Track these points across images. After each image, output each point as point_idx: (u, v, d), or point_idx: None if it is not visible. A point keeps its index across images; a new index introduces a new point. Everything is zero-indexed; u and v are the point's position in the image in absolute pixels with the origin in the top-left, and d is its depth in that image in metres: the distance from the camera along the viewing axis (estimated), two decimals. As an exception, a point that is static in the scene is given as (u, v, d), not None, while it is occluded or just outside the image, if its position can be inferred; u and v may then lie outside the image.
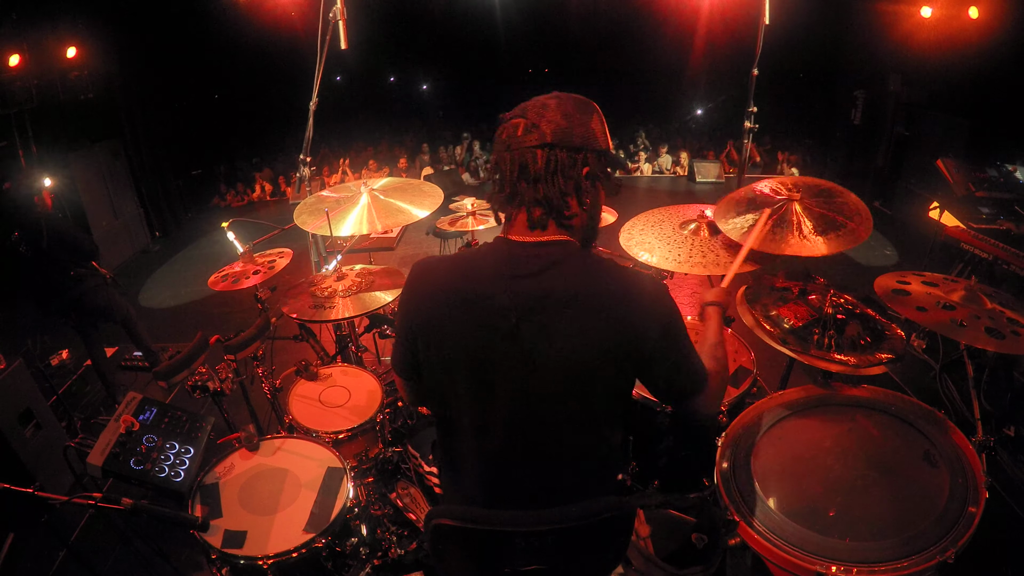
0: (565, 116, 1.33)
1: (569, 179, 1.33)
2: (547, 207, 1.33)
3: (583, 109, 1.37)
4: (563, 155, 1.32)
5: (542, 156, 1.32)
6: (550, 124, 1.32)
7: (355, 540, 2.16)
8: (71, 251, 3.90)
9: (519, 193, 1.35)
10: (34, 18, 6.01)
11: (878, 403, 2.11)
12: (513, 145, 1.34)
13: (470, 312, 1.33)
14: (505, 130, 1.37)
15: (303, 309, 2.79)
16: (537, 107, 1.35)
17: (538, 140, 1.32)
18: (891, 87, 7.41)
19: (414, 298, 1.42)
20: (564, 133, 1.32)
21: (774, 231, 2.38)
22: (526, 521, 1.30)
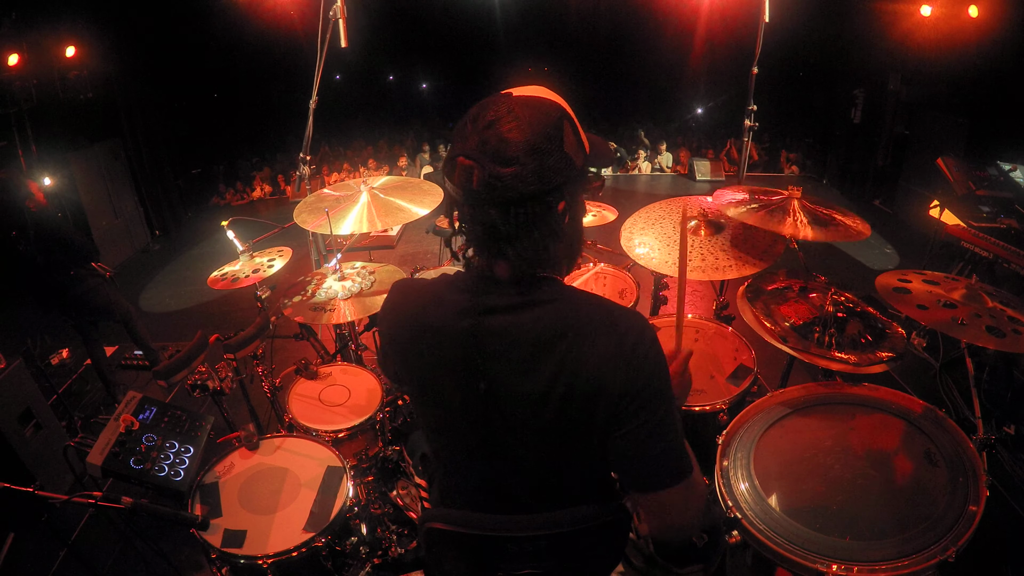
0: (534, 153, 1.06)
1: (548, 227, 1.12)
2: (529, 262, 1.14)
3: (552, 128, 1.10)
4: (538, 206, 1.09)
5: (512, 215, 1.09)
6: (513, 171, 1.06)
7: (355, 539, 2.16)
8: (66, 251, 3.89)
9: (492, 251, 1.15)
10: (34, 17, 6.01)
11: (878, 401, 2.11)
12: (470, 199, 1.11)
13: (437, 347, 1.22)
14: (456, 172, 1.11)
15: (303, 311, 2.79)
16: (493, 143, 1.07)
17: (503, 196, 1.07)
18: (891, 86, 7.42)
19: (388, 322, 1.33)
20: (536, 178, 1.07)
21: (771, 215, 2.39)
22: (517, 527, 1.29)
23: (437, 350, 1.23)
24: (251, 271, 2.85)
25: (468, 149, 1.09)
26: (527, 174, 1.06)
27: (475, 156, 1.07)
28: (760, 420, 2.11)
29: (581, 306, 1.18)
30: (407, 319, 1.28)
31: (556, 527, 1.28)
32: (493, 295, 1.18)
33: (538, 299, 1.17)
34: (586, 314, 1.16)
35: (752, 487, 1.87)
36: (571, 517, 1.29)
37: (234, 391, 2.63)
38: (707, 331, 2.81)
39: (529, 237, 1.11)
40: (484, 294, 1.19)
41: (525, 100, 1.13)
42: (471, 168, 1.07)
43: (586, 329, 1.14)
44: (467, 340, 1.19)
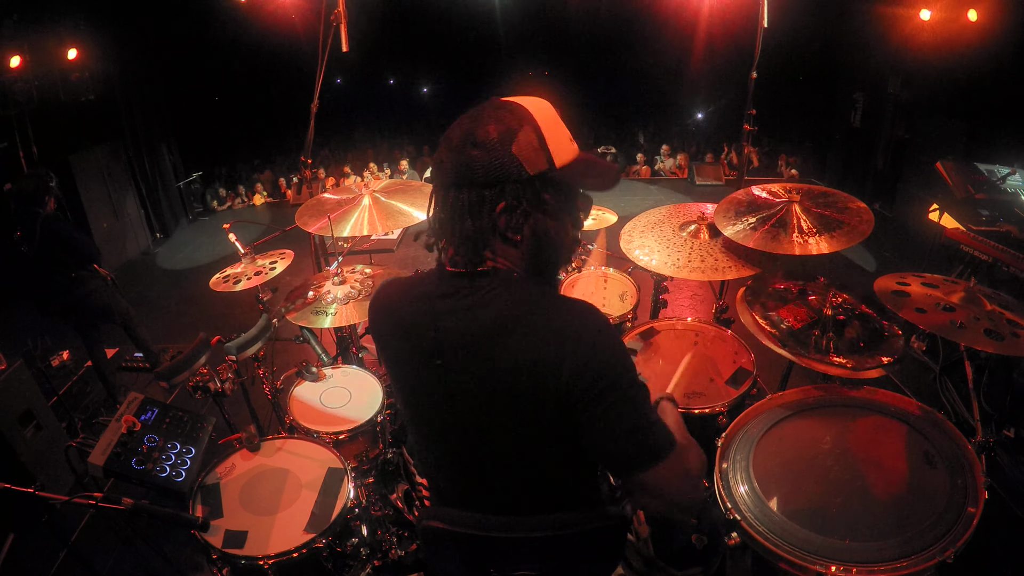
0: (472, 145, 1.13)
1: (479, 220, 1.15)
2: (464, 247, 1.18)
3: (504, 130, 1.14)
4: (468, 195, 1.14)
5: (447, 197, 1.18)
6: (451, 159, 1.16)
7: (355, 540, 2.16)
8: (70, 253, 3.90)
9: (440, 230, 1.22)
10: (35, 19, 6.02)
11: (878, 404, 2.12)
12: (432, 181, 1.24)
13: (403, 340, 1.28)
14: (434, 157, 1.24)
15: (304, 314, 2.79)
16: (454, 131, 1.18)
17: (442, 179, 1.18)
18: (890, 89, 7.43)
19: (371, 318, 1.39)
20: (465, 170, 1.14)
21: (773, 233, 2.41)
22: (513, 527, 1.30)
23: (406, 347, 1.28)
24: (253, 273, 2.86)
25: (445, 134, 1.20)
26: (460, 166, 1.15)
27: (442, 141, 1.20)
28: (759, 423, 2.11)
29: (527, 299, 1.18)
30: (386, 315, 1.34)
31: (551, 529, 1.29)
32: (446, 291, 1.22)
33: (487, 294, 1.18)
34: (531, 307, 1.17)
35: (751, 489, 1.87)
36: (566, 520, 1.29)
37: (235, 393, 2.63)
38: (707, 334, 2.82)
39: (460, 224, 1.17)
40: (439, 291, 1.23)
41: (500, 103, 1.20)
42: (438, 151, 1.20)
43: (530, 321, 1.15)
44: (428, 336, 1.22)
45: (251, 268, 2.90)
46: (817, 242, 2.35)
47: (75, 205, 6.75)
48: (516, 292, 1.19)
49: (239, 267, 2.94)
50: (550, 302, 1.18)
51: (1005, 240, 3.80)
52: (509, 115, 1.16)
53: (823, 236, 2.36)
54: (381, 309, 1.36)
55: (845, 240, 2.34)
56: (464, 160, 1.14)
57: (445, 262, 1.24)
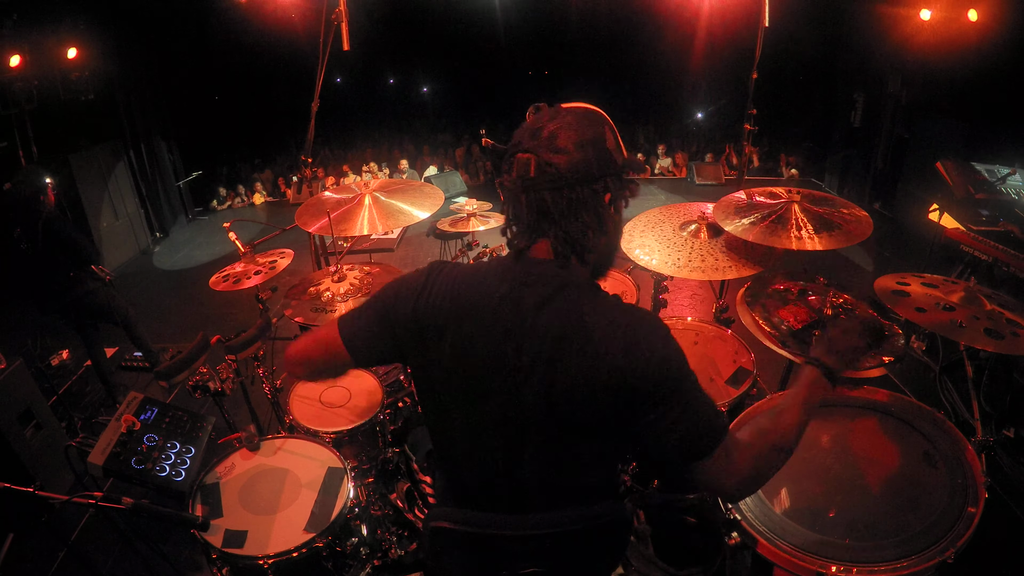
0: (580, 146, 1.22)
1: (592, 213, 1.26)
2: (571, 244, 1.26)
3: (595, 129, 1.26)
4: (585, 191, 1.24)
5: (563, 196, 1.23)
6: (565, 159, 1.22)
7: (355, 540, 2.16)
8: (69, 254, 3.89)
9: (539, 231, 1.27)
10: (35, 19, 6.02)
11: (878, 404, 2.12)
12: (527, 186, 1.24)
13: (477, 327, 1.27)
14: (515, 167, 1.25)
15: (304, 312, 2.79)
16: (546, 137, 1.23)
17: (554, 181, 1.22)
18: (890, 89, 7.43)
19: (425, 299, 1.33)
20: (582, 167, 1.22)
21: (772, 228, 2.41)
22: (522, 525, 1.30)
23: (480, 334, 1.27)
24: (252, 273, 2.86)
25: (525, 145, 1.25)
26: (576, 162, 1.22)
27: (531, 149, 1.24)
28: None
29: (605, 304, 1.26)
30: (442, 300, 1.31)
31: (560, 526, 1.29)
32: (531, 285, 1.26)
33: (569, 293, 1.25)
34: (610, 311, 1.24)
35: (751, 489, 1.87)
36: (575, 516, 1.30)
37: (235, 392, 2.63)
38: (707, 334, 2.82)
39: (576, 218, 1.25)
40: (523, 283, 1.26)
41: (573, 109, 1.30)
42: (527, 159, 1.23)
43: (614, 324, 1.21)
44: (507, 328, 1.24)
45: (251, 267, 2.90)
46: (814, 239, 2.35)
47: (75, 204, 6.75)
48: (596, 294, 1.28)
49: (239, 266, 2.94)
50: (622, 307, 1.27)
51: (1005, 240, 3.80)
52: (594, 116, 1.29)
53: (821, 234, 2.37)
54: (435, 293, 1.32)
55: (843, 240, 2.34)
56: (581, 158, 1.22)
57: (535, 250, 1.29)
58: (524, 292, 1.25)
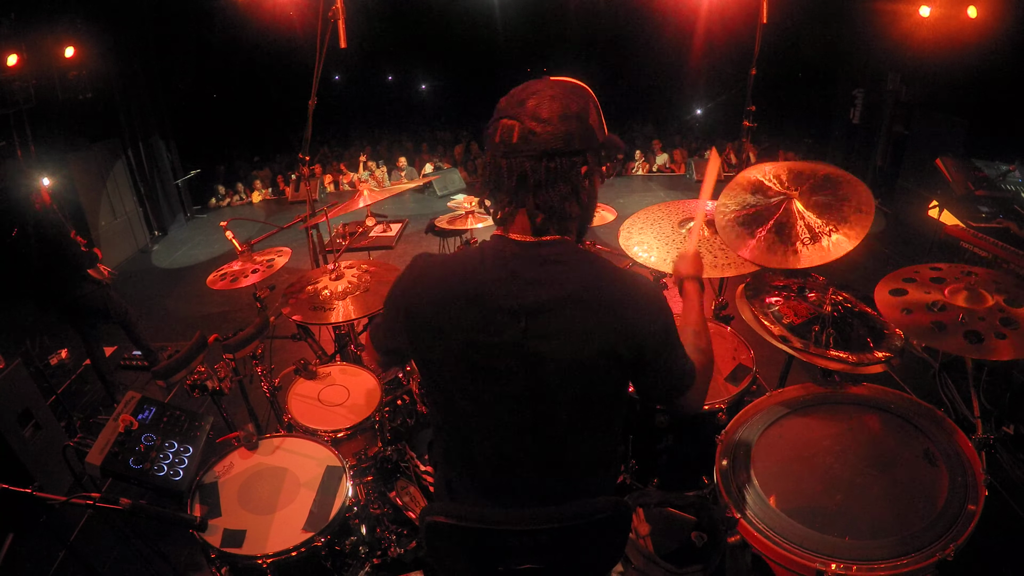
0: (564, 118, 1.25)
1: (569, 184, 1.28)
2: (548, 213, 1.29)
3: (580, 103, 1.29)
4: (564, 162, 1.26)
5: (542, 165, 1.26)
6: (548, 129, 1.24)
7: (354, 539, 2.16)
8: (62, 263, 3.88)
9: (518, 200, 1.30)
10: (33, 18, 6.01)
11: (877, 401, 2.11)
12: (508, 152, 1.27)
13: (474, 313, 1.28)
14: (498, 131, 1.29)
15: (302, 310, 2.79)
16: (531, 106, 1.26)
17: (537, 148, 1.25)
18: (890, 86, 7.42)
19: (415, 294, 1.36)
20: (564, 138, 1.25)
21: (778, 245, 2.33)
22: (520, 520, 1.30)
23: (480, 319, 1.28)
24: (250, 271, 2.85)
25: (510, 112, 1.28)
26: (558, 133, 1.25)
27: (516, 116, 1.27)
28: (759, 420, 2.11)
29: (600, 268, 1.32)
30: (433, 291, 1.33)
31: (558, 521, 1.29)
32: (523, 260, 1.29)
33: (564, 262, 1.30)
34: (608, 276, 1.31)
35: (752, 487, 1.87)
36: (573, 511, 1.30)
37: (233, 391, 2.63)
38: (706, 331, 2.81)
39: (554, 187, 1.27)
40: (514, 260, 1.29)
41: (560, 81, 1.34)
42: (512, 126, 1.26)
43: (612, 289, 1.29)
44: (508, 308, 1.26)
45: (248, 266, 2.90)
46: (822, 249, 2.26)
47: (73, 203, 6.74)
48: (590, 261, 1.32)
49: (237, 265, 2.93)
50: (617, 271, 1.33)
51: (1004, 237, 3.79)
52: (580, 91, 1.32)
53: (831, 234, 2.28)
54: (426, 285, 1.35)
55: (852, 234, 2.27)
56: (564, 130, 1.25)
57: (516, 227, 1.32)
58: (519, 272, 1.28)
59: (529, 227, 1.31)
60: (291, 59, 6.89)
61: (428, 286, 1.34)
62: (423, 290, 1.35)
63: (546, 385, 1.29)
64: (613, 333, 1.26)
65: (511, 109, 1.28)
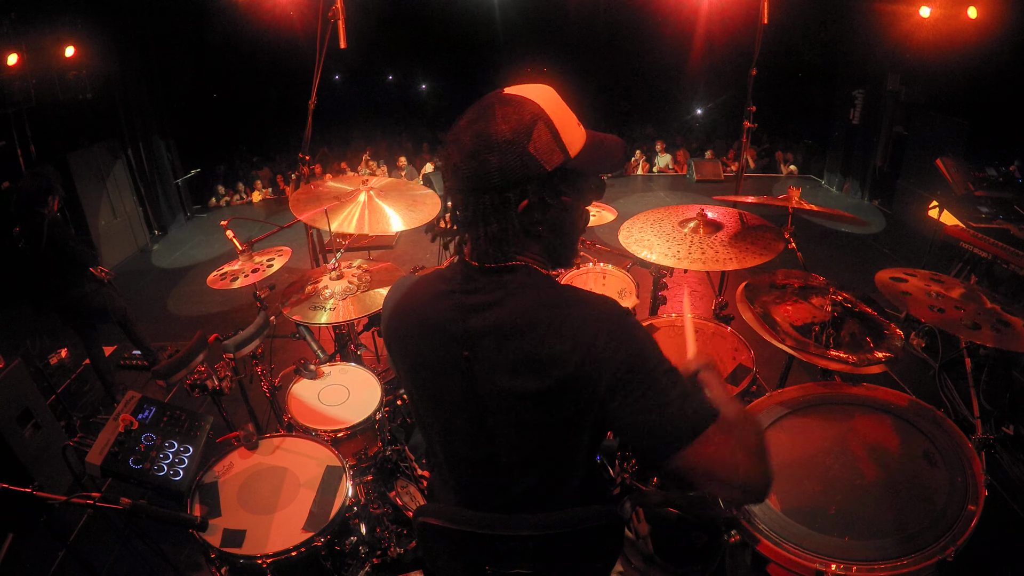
0: (487, 149, 1.11)
1: (503, 221, 1.15)
2: (490, 247, 1.18)
3: (518, 129, 1.11)
4: (490, 198, 1.13)
5: (468, 201, 1.15)
6: (467, 165, 1.12)
7: (354, 539, 2.16)
8: (67, 258, 3.89)
9: (462, 228, 1.22)
10: (33, 17, 6.01)
11: (877, 402, 2.11)
12: (446, 179, 1.20)
13: (426, 338, 1.26)
14: (441, 154, 1.21)
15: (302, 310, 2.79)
16: (466, 134, 1.14)
17: (458, 185, 1.16)
18: (890, 87, 7.43)
19: (386, 319, 1.37)
20: (484, 176, 1.11)
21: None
22: (506, 525, 1.29)
23: (430, 344, 1.26)
24: (250, 271, 2.85)
25: (450, 135, 1.18)
26: (484, 169, 1.11)
27: (453, 140, 1.16)
28: (759, 420, 2.11)
29: (553, 294, 1.19)
30: (404, 315, 1.32)
31: (545, 528, 1.28)
32: (472, 287, 1.22)
33: (513, 289, 1.19)
34: (559, 302, 1.17)
35: (751, 487, 1.86)
36: (561, 519, 1.29)
37: (233, 391, 2.63)
38: (706, 331, 2.81)
39: (484, 226, 1.15)
40: (465, 286, 1.22)
41: (508, 98, 1.17)
42: (448, 152, 1.17)
43: (561, 317, 1.15)
44: (454, 334, 1.21)
45: (248, 265, 2.90)
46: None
47: (73, 203, 6.73)
48: (542, 287, 1.20)
49: (237, 264, 2.93)
50: (574, 297, 1.19)
51: (1004, 237, 3.80)
52: (520, 111, 1.13)
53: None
54: (400, 309, 1.33)
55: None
56: (481, 166, 1.11)
57: (467, 257, 1.24)
58: (467, 298, 1.21)
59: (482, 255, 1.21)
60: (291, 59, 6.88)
61: (400, 309, 1.33)
62: (397, 313, 1.34)
63: (491, 416, 1.24)
64: (562, 365, 1.12)
65: (452, 131, 1.18)
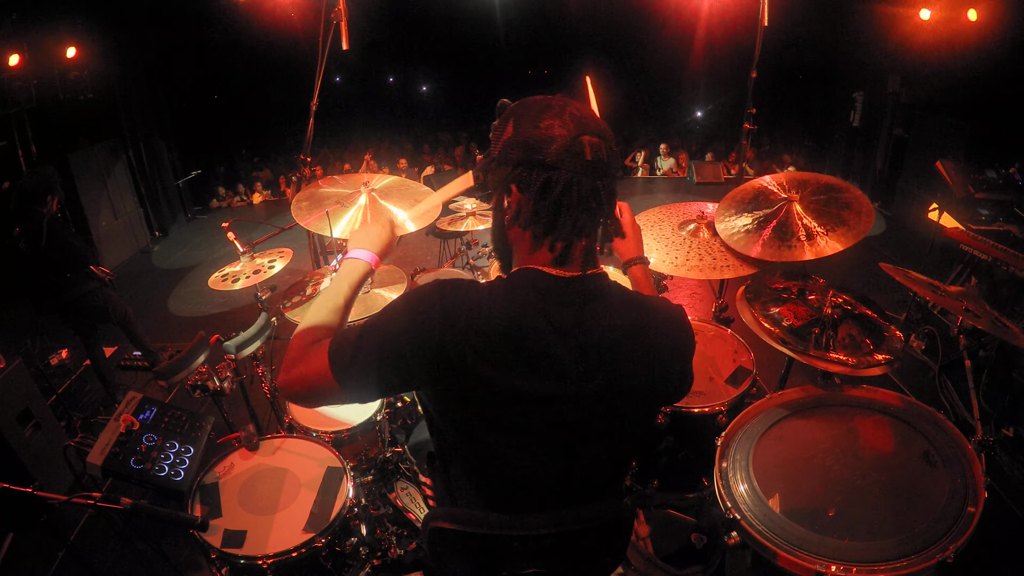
0: (610, 138, 1.21)
1: (610, 208, 1.24)
2: (591, 241, 1.23)
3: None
4: (608, 183, 1.20)
5: (596, 186, 1.17)
6: (609, 152, 1.18)
7: (355, 540, 2.16)
8: (68, 257, 3.89)
9: (568, 225, 1.18)
10: (34, 18, 6.02)
11: (877, 403, 2.12)
12: (589, 170, 1.15)
13: (519, 356, 1.16)
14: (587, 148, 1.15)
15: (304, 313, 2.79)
16: (597, 127, 1.18)
17: (607, 169, 1.18)
18: (890, 89, 7.43)
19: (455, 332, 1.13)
20: (615, 162, 1.21)
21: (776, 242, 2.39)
22: (523, 526, 1.29)
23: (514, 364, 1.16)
24: (251, 272, 2.86)
25: (573, 125, 1.15)
26: (614, 153, 1.21)
27: (590, 131, 1.16)
28: (759, 422, 2.11)
29: (640, 299, 1.29)
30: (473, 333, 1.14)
31: (560, 526, 1.28)
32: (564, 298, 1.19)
33: (598, 294, 1.22)
34: (650, 306, 1.27)
35: (751, 488, 1.87)
36: (575, 516, 1.29)
37: (234, 392, 2.63)
38: (706, 333, 2.82)
39: (607, 213, 1.23)
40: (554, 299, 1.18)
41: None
42: (595, 142, 1.16)
43: (656, 323, 1.25)
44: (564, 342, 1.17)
45: (250, 267, 2.90)
46: (820, 244, 2.34)
47: (74, 204, 6.74)
48: (619, 293, 1.27)
49: (238, 265, 2.93)
50: (651, 302, 1.29)
51: (1005, 239, 3.80)
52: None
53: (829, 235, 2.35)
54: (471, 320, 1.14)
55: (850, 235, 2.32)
56: (614, 153, 1.20)
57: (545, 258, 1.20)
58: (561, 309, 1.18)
59: (566, 258, 1.20)
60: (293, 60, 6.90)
61: (467, 327, 1.14)
62: (464, 331, 1.13)
63: (586, 422, 1.23)
64: (653, 367, 1.25)
65: (585, 126, 1.16)
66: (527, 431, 1.22)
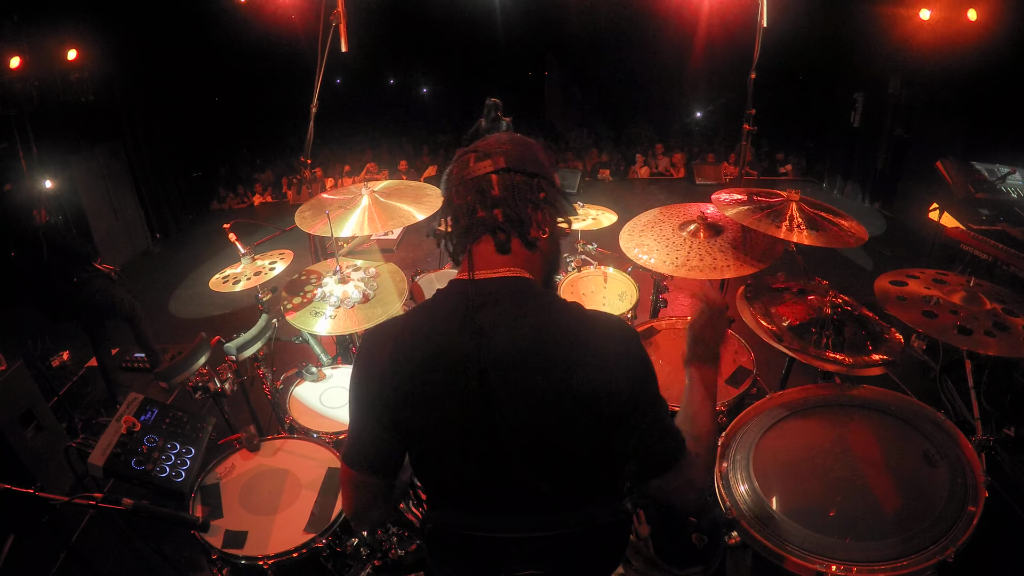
0: (514, 146, 1.34)
1: (527, 201, 1.30)
2: (510, 227, 1.29)
3: (531, 145, 1.38)
4: (519, 178, 1.30)
5: (498, 180, 1.29)
6: (502, 152, 1.32)
7: (355, 540, 2.16)
8: (70, 258, 3.91)
9: (477, 223, 1.30)
10: (35, 20, 6.02)
11: (878, 403, 2.12)
12: (466, 176, 1.31)
13: (440, 371, 1.21)
14: (456, 166, 1.35)
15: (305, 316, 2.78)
16: (486, 143, 1.36)
17: (492, 166, 1.30)
18: (890, 89, 7.43)
19: (384, 367, 1.24)
20: (517, 159, 1.31)
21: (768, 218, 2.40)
22: (521, 527, 1.29)
23: (443, 376, 1.21)
24: (252, 274, 2.86)
25: (463, 150, 1.36)
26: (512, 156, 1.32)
27: (471, 150, 1.35)
28: (759, 422, 2.11)
29: (563, 313, 1.25)
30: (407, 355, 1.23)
31: (558, 528, 1.29)
32: (484, 300, 1.23)
33: (526, 303, 1.24)
34: (575, 323, 1.23)
35: (751, 488, 1.87)
36: (576, 518, 1.29)
37: (235, 393, 2.64)
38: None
39: (514, 203, 1.29)
40: (476, 300, 1.23)
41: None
42: (468, 156, 1.34)
43: (581, 335, 1.21)
44: (466, 358, 1.19)
45: (251, 268, 2.90)
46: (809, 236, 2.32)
47: (75, 205, 6.75)
48: (552, 305, 1.26)
49: (239, 267, 2.94)
50: (588, 316, 1.25)
51: (1005, 239, 3.80)
52: (529, 139, 1.40)
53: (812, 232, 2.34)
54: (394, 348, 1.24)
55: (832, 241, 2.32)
56: (524, 150, 1.33)
57: (477, 262, 1.29)
58: (485, 311, 1.22)
59: (492, 250, 1.29)
60: (293, 62, 6.90)
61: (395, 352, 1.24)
62: (393, 359, 1.24)
63: (513, 443, 1.23)
64: (581, 386, 1.17)
65: (467, 150, 1.36)
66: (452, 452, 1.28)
